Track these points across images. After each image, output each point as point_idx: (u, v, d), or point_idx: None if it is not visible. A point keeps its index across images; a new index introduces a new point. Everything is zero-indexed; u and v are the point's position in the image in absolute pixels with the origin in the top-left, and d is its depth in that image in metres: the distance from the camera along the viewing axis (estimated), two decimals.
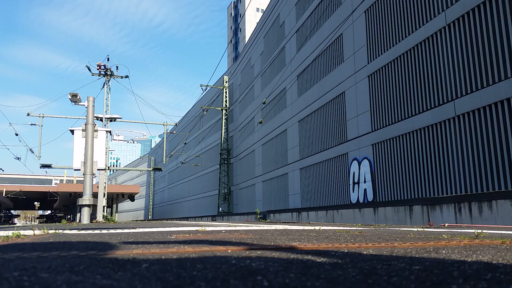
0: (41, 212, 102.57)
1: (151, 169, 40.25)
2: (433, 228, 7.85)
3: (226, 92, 44.23)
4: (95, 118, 20.21)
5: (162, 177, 75.11)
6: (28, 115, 27.63)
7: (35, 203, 65.41)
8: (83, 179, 17.91)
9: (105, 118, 27.96)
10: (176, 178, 64.96)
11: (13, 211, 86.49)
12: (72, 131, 18.26)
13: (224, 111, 43.62)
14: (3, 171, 55.80)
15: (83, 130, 18.03)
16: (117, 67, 29.71)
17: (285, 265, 2.00)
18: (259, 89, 35.52)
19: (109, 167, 32.58)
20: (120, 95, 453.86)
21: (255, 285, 1.46)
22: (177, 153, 59.37)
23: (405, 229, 6.71)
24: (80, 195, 23.42)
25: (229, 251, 2.76)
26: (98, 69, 29.24)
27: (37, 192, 52.10)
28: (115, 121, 28.47)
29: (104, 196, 27.18)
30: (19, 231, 5.82)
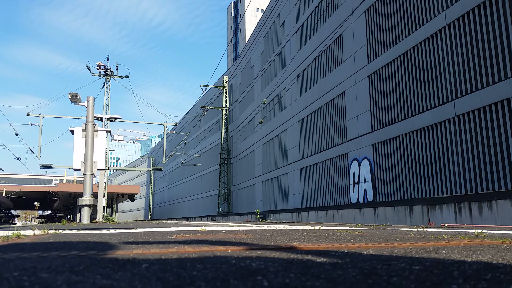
0: (41, 212, 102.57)
1: (151, 169, 40.26)
2: (433, 228, 7.85)
3: (226, 92, 44.23)
4: (95, 118, 20.22)
5: (162, 177, 75.12)
6: (28, 115, 27.64)
7: (35, 203, 65.44)
8: (83, 179, 17.92)
9: (105, 118, 27.97)
10: (176, 178, 64.98)
11: (13, 211, 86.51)
12: (72, 131, 18.26)
13: (224, 111, 43.62)
14: (3, 171, 55.85)
15: (83, 130, 18.04)
16: (117, 67, 29.73)
17: (285, 265, 2.00)
18: (259, 89, 35.53)
19: (109, 167, 32.58)
20: (120, 95, 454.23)
21: (255, 285, 1.46)
22: (177, 153, 59.37)
23: (405, 229, 6.71)
24: (80, 195, 23.43)
25: (229, 251, 2.76)
26: (98, 69, 29.24)
27: (37, 192, 52.12)
28: (115, 121, 28.48)
29: (104, 196, 27.19)
30: (19, 231, 5.83)
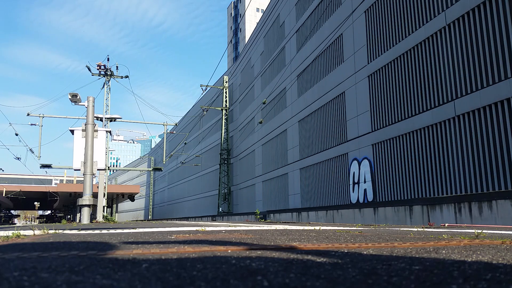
0: (41, 212, 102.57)
1: (151, 169, 40.25)
2: (433, 228, 7.85)
3: (226, 92, 44.23)
4: (95, 118, 20.22)
5: (162, 177, 75.12)
6: (28, 115, 27.64)
7: (35, 203, 65.44)
8: (83, 179, 17.92)
9: (105, 118, 27.97)
10: (176, 178, 64.97)
11: (13, 211, 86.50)
12: (72, 131, 18.26)
13: (224, 111, 43.62)
14: (3, 171, 55.85)
15: (83, 130, 18.04)
16: (117, 67, 29.73)
17: (285, 265, 2.00)
18: (259, 89, 35.53)
19: (109, 167, 32.58)
20: (120, 95, 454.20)
21: (255, 285, 1.45)
22: (177, 153, 59.37)
23: (405, 229, 6.71)
24: (80, 195, 23.43)
25: (229, 251, 2.76)
26: (98, 69, 29.25)
27: (37, 192, 52.12)
28: (115, 121, 28.48)
29: (104, 196, 27.18)
30: (19, 231, 5.82)
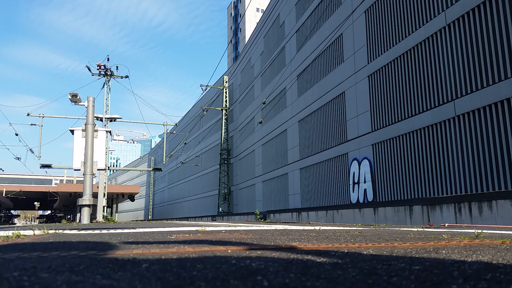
0: (41, 212, 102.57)
1: (151, 169, 40.26)
2: (433, 228, 7.85)
3: (226, 92, 44.23)
4: (95, 118, 20.21)
5: (162, 177, 75.12)
6: (28, 115, 27.64)
7: (35, 203, 65.43)
8: (83, 179, 17.92)
9: (105, 118, 27.97)
10: (176, 178, 64.97)
11: (13, 211, 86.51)
12: (72, 131, 18.26)
13: (224, 111, 43.62)
14: (3, 171, 55.85)
15: (83, 130, 18.04)
16: (117, 67, 29.73)
17: (285, 265, 2.00)
18: (259, 89, 35.52)
19: (109, 167, 32.58)
20: (120, 95, 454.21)
21: (255, 285, 1.45)
22: (177, 153, 59.36)
23: (405, 229, 6.71)
24: (80, 195, 23.43)
25: (229, 251, 2.76)
26: (98, 69, 29.24)
27: (37, 192, 52.11)
28: (115, 121, 28.48)
29: (104, 196, 27.18)
30: (19, 231, 5.82)
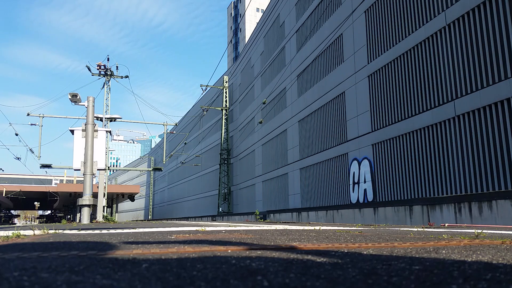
0: (41, 212, 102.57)
1: (151, 169, 40.25)
2: (433, 228, 7.85)
3: (226, 92, 44.23)
4: (95, 118, 20.21)
5: (162, 177, 75.12)
6: (28, 115, 27.63)
7: (35, 203, 65.43)
8: (83, 179, 17.92)
9: (105, 118, 27.96)
10: (176, 178, 64.97)
11: (13, 211, 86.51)
12: (72, 131, 18.26)
13: (224, 111, 43.62)
14: (3, 171, 55.85)
15: (83, 130, 18.04)
16: (117, 67, 29.73)
17: (285, 265, 2.00)
18: (259, 89, 35.52)
19: (109, 167, 32.58)
20: (120, 95, 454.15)
21: (255, 285, 1.45)
22: (177, 153, 59.36)
23: (405, 229, 6.71)
24: (80, 195, 23.43)
25: (229, 251, 2.76)
26: (98, 69, 29.24)
27: (37, 192, 52.10)
28: (115, 121, 28.48)
29: (104, 196, 27.18)
30: (19, 231, 5.82)
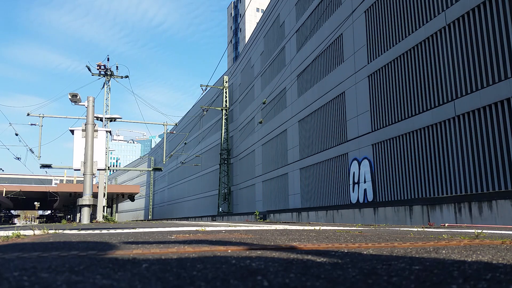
0: (41, 212, 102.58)
1: (151, 169, 40.25)
2: (433, 228, 7.85)
3: (226, 92, 44.23)
4: (95, 118, 20.21)
5: (162, 177, 75.11)
6: (28, 115, 27.63)
7: (35, 203, 65.43)
8: (83, 179, 17.92)
9: (105, 118, 27.96)
10: (176, 178, 64.97)
11: (13, 211, 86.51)
12: (72, 131, 18.26)
13: (224, 111, 43.61)
14: (3, 171, 55.84)
15: (83, 130, 18.03)
16: (117, 67, 29.72)
17: (285, 265, 2.00)
18: (259, 89, 35.52)
19: (109, 167, 32.57)
20: (120, 95, 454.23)
21: (255, 285, 1.45)
22: (177, 153, 59.36)
23: (405, 229, 6.71)
24: (80, 195, 23.43)
25: (229, 251, 2.76)
26: (98, 69, 29.24)
27: (37, 192, 52.10)
28: (115, 121, 28.47)
29: (104, 196, 27.18)
30: (19, 231, 5.82)
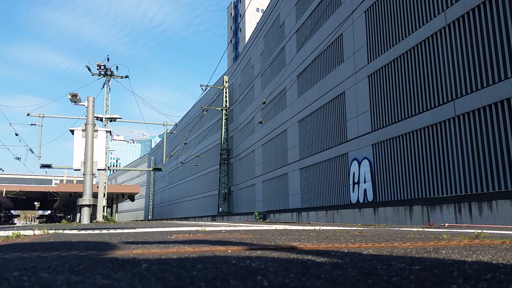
0: (41, 212, 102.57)
1: (151, 169, 40.25)
2: (433, 228, 7.84)
3: (226, 92, 44.22)
4: (95, 118, 20.21)
5: (162, 177, 75.11)
6: (28, 115, 27.63)
7: (35, 203, 65.43)
8: (83, 179, 17.91)
9: (105, 118, 27.96)
10: (176, 178, 64.96)
11: (13, 211, 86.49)
12: (72, 131, 18.26)
13: (224, 111, 43.61)
14: (3, 171, 55.84)
15: (83, 130, 18.03)
16: (117, 67, 29.72)
17: (285, 265, 2.00)
18: (259, 89, 35.52)
19: (109, 167, 32.57)
20: (120, 95, 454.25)
21: (255, 285, 1.45)
22: (177, 153, 59.36)
23: (405, 229, 6.71)
24: (80, 195, 23.43)
25: (229, 251, 2.76)
26: (98, 69, 29.24)
27: (37, 192, 52.10)
28: (115, 121, 28.47)
29: (104, 196, 27.18)
30: (19, 231, 5.82)
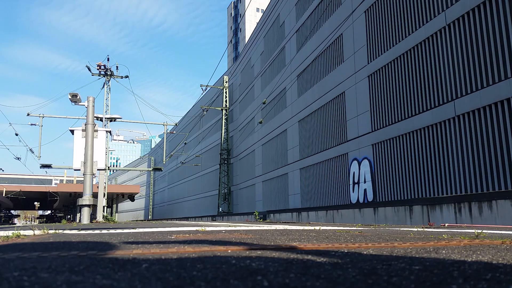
0: (41, 212, 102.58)
1: (151, 169, 40.25)
2: (433, 228, 7.84)
3: (226, 92, 44.22)
4: (95, 118, 20.21)
5: (162, 177, 75.12)
6: (28, 115, 27.63)
7: (35, 203, 65.43)
8: (83, 179, 17.91)
9: (105, 118, 27.96)
10: (176, 178, 64.97)
11: (13, 211, 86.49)
12: (72, 131, 18.26)
13: (224, 111, 43.61)
14: (3, 171, 55.84)
15: (83, 130, 18.03)
16: (117, 67, 29.72)
17: (285, 265, 2.00)
18: (259, 89, 35.52)
19: (109, 167, 32.57)
20: (120, 95, 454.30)
21: (255, 285, 1.45)
22: (177, 153, 59.36)
23: (405, 229, 6.71)
24: (80, 195, 23.43)
25: (229, 251, 2.76)
26: (98, 69, 29.24)
27: (37, 192, 52.10)
28: (115, 121, 28.47)
29: (104, 196, 27.18)
30: (19, 231, 5.82)
